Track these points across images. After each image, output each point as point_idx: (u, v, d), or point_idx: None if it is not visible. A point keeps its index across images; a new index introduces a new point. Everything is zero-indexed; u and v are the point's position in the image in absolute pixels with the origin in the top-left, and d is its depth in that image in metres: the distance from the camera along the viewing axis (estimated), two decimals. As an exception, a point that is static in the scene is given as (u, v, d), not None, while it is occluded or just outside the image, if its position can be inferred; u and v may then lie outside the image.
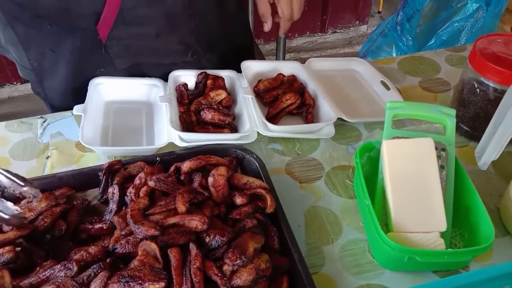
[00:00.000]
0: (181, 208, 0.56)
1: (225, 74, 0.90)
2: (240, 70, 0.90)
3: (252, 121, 0.80)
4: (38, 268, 0.54)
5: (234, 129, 0.81)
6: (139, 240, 0.54)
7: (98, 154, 0.77)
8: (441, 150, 0.65)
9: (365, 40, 2.23)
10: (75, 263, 0.53)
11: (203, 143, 0.73)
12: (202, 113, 0.80)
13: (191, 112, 0.82)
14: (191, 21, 0.87)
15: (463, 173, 0.65)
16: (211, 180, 0.62)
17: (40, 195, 0.60)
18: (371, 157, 0.69)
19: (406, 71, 0.99)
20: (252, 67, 0.92)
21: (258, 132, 0.79)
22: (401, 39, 1.89)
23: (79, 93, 0.84)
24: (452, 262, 0.60)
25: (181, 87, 0.87)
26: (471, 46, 0.77)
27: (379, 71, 0.94)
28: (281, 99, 0.85)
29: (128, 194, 0.62)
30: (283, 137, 0.81)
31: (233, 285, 0.52)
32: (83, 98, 0.81)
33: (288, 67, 0.94)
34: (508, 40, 0.77)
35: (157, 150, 0.75)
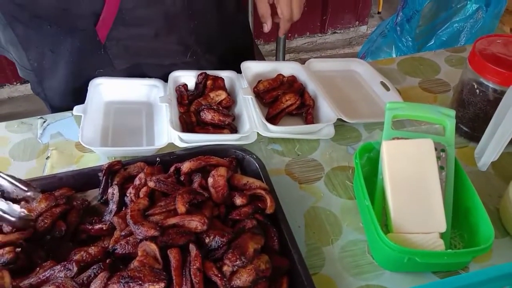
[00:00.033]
0: (181, 208, 0.56)
1: (225, 74, 0.90)
2: (240, 70, 0.90)
3: (252, 121, 0.80)
4: (38, 268, 0.54)
5: (234, 130, 0.81)
6: (139, 240, 0.54)
7: (98, 154, 0.77)
8: (441, 151, 0.65)
9: (365, 40, 2.23)
10: (75, 263, 0.53)
11: (203, 144, 0.73)
12: (202, 113, 0.80)
13: (191, 112, 0.82)
14: (190, 22, 0.87)
15: (463, 174, 0.65)
16: (211, 180, 0.62)
17: (40, 196, 0.60)
18: (371, 158, 0.69)
19: (405, 71, 0.99)
20: (252, 68, 0.92)
21: (258, 132, 0.79)
22: (400, 39, 1.89)
23: (79, 94, 0.84)
24: (451, 263, 0.60)
25: (181, 87, 0.87)
26: (470, 46, 0.77)
27: (378, 72, 0.94)
28: (281, 100, 0.85)
29: (128, 194, 0.62)
30: (283, 138, 0.81)
31: (233, 286, 0.52)
32: (82, 98, 0.81)
33: (288, 68, 0.94)
34: (507, 41, 0.77)
35: (157, 150, 0.75)
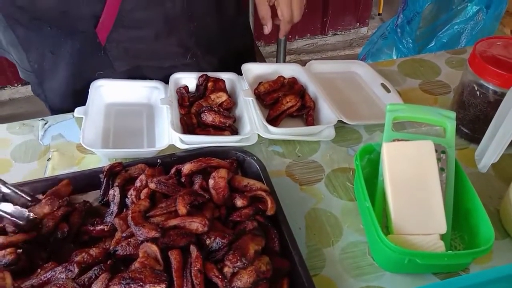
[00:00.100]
0: (182, 210, 0.56)
1: (225, 76, 0.90)
2: (240, 72, 0.90)
3: (252, 123, 0.80)
4: (39, 270, 0.54)
5: (234, 132, 0.81)
6: (140, 242, 0.54)
7: (99, 156, 0.78)
8: (441, 152, 0.65)
9: (366, 42, 2.23)
10: (76, 265, 0.53)
11: (203, 145, 0.74)
12: (202, 115, 0.80)
13: (192, 114, 0.82)
14: (190, 24, 0.87)
15: (463, 175, 0.65)
16: (211, 182, 0.62)
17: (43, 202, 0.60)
18: (371, 160, 0.69)
19: (406, 73, 0.99)
20: (252, 70, 0.92)
21: (258, 134, 0.79)
22: (401, 41, 1.89)
23: (79, 95, 0.84)
24: (452, 264, 0.60)
25: (182, 89, 0.87)
26: (471, 48, 0.77)
27: (379, 74, 0.94)
28: (281, 102, 0.85)
29: (129, 196, 0.62)
30: (283, 139, 0.81)
31: (234, 287, 0.52)
32: (82, 100, 0.81)
33: (288, 70, 0.94)
34: (507, 43, 0.77)
35: (158, 152, 0.76)
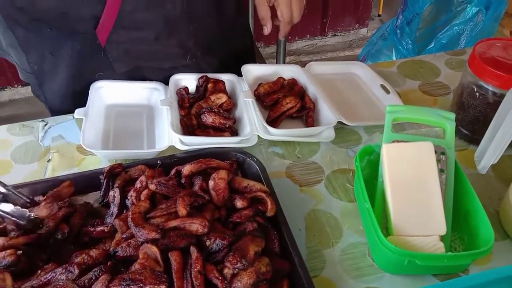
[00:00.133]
0: (182, 211, 0.57)
1: (225, 77, 0.90)
2: (240, 73, 0.90)
3: (252, 124, 0.80)
4: (39, 271, 0.55)
5: (234, 133, 0.81)
6: (140, 243, 0.54)
7: (99, 157, 0.78)
8: (441, 153, 0.65)
9: (365, 43, 2.23)
10: (76, 266, 0.53)
11: (203, 147, 0.74)
12: (202, 116, 0.80)
13: (192, 115, 0.82)
14: (190, 25, 0.87)
15: (463, 176, 0.65)
16: (211, 183, 0.62)
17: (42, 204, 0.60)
18: (371, 161, 0.69)
19: (405, 74, 1.00)
20: (252, 71, 0.92)
21: (258, 135, 0.79)
22: (401, 42, 1.89)
23: (79, 97, 0.84)
24: (451, 265, 0.60)
25: (182, 90, 0.87)
26: (470, 49, 0.77)
27: (379, 75, 0.94)
28: (281, 103, 0.85)
29: (129, 197, 0.62)
30: (283, 141, 0.81)
31: (234, 288, 0.52)
32: (82, 101, 0.81)
33: (288, 71, 0.94)
34: (507, 44, 0.77)
35: (158, 153, 0.76)
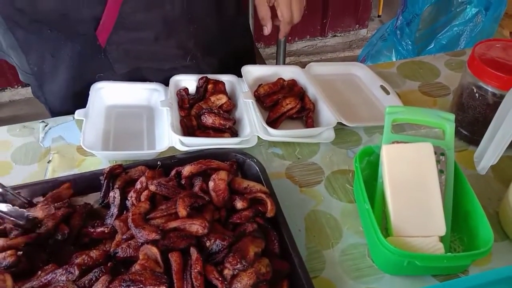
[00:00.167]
0: (182, 212, 0.57)
1: (225, 78, 0.90)
2: (240, 74, 0.90)
3: (252, 125, 0.80)
4: (39, 272, 0.55)
5: (234, 134, 0.81)
6: (140, 244, 0.54)
7: (99, 158, 0.78)
8: (440, 154, 0.65)
9: (365, 44, 2.24)
10: (77, 267, 0.53)
11: (203, 148, 0.74)
12: (202, 117, 0.80)
13: (192, 116, 0.82)
14: (190, 26, 0.87)
15: (462, 177, 0.65)
16: (211, 184, 0.62)
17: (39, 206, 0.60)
18: (371, 162, 0.69)
19: (405, 75, 1.00)
20: (252, 72, 0.92)
21: (258, 136, 0.79)
22: (400, 43, 1.89)
23: (79, 98, 0.84)
24: (451, 266, 0.60)
25: (182, 91, 0.87)
26: (470, 50, 0.78)
27: (378, 76, 0.94)
28: (281, 104, 0.85)
29: (129, 198, 0.62)
30: (283, 142, 0.81)
31: (234, 289, 0.52)
32: (82, 103, 0.81)
33: (288, 72, 0.94)
34: (506, 45, 0.77)
35: (158, 154, 0.76)
